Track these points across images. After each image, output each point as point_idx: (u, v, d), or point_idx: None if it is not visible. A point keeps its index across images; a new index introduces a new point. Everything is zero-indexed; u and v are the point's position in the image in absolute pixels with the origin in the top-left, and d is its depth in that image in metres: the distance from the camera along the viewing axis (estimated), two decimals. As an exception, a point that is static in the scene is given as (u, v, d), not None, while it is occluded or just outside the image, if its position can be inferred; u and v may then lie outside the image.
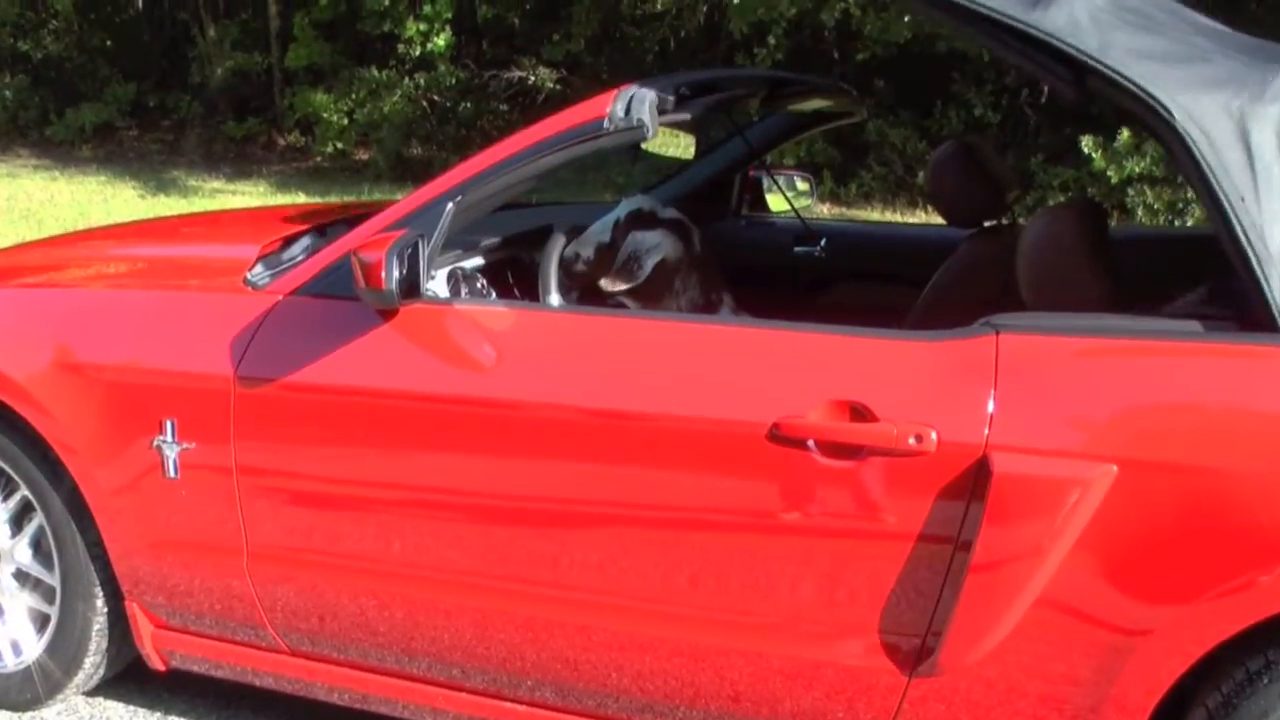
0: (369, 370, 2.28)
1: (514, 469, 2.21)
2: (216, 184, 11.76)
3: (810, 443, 2.02)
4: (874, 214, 10.07)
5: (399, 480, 2.30)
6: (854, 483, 2.01)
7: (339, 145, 12.71)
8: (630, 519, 2.16)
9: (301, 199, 10.77)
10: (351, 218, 2.95)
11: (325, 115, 12.49)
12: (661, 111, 2.27)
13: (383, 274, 2.14)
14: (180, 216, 4.13)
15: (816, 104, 3.28)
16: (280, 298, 2.41)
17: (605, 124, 2.21)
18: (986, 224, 2.89)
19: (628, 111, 2.21)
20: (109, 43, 14.49)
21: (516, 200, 2.82)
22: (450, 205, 2.30)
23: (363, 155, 13.21)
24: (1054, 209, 2.51)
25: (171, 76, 14.29)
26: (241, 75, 13.68)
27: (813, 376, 2.06)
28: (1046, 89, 10.06)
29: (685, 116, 2.40)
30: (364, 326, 2.30)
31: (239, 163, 13.24)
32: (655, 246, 2.73)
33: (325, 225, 2.94)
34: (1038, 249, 2.38)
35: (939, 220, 2.97)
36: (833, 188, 10.56)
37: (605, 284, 2.71)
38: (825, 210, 10.09)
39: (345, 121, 12.56)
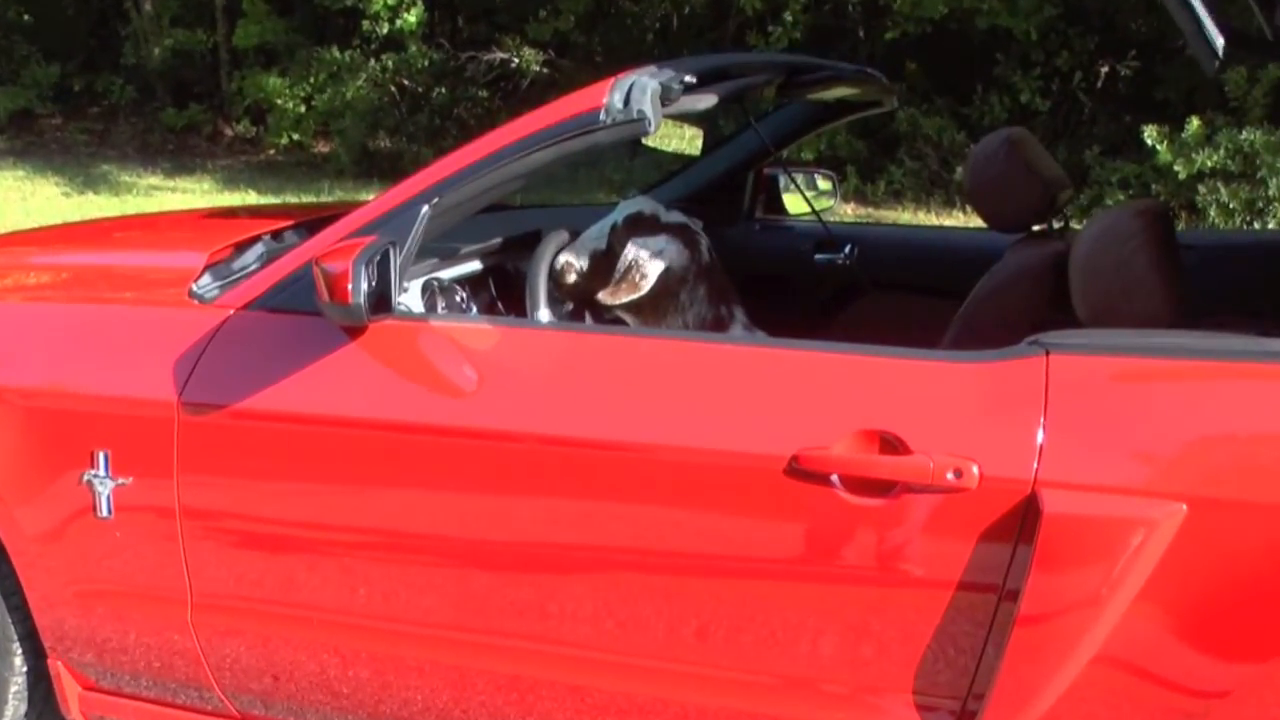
0: (332, 395, 2.30)
1: (497, 507, 2.23)
2: (153, 180, 11.81)
3: (834, 478, 2.03)
4: (905, 216, 10.12)
5: (366, 520, 2.32)
6: (884, 523, 2.02)
7: (295, 136, 12.76)
8: (629, 564, 2.17)
9: (252, 198, 10.81)
10: (312, 221, 2.97)
11: (279, 102, 12.55)
12: (665, 101, 2.29)
13: (349, 286, 2.16)
14: (113, 219, 4.15)
15: (840, 92, 3.31)
16: (230, 312, 2.43)
17: (602, 116, 2.24)
18: (1035, 228, 2.91)
19: (627, 102, 2.23)
20: (26, 17, 14.53)
21: (500, 202, 2.83)
22: (425, 208, 2.32)
23: (322, 148, 13.26)
24: (1113, 210, 2.53)
25: (101, 56, 14.37)
26: (182, 55, 13.74)
27: (837, 403, 2.08)
28: (1103, 71, 10.14)
29: (692, 107, 2.43)
30: (327, 345, 2.31)
31: (179, 156, 13.29)
32: (658, 255, 2.75)
33: (282, 230, 2.96)
34: (1094, 257, 2.40)
35: (980, 224, 2.99)
36: (858, 186, 10.62)
37: (602, 297, 2.73)
38: (850, 212, 10.14)
39: (302, 109, 12.62)
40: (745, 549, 2.10)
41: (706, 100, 2.46)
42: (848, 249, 3.57)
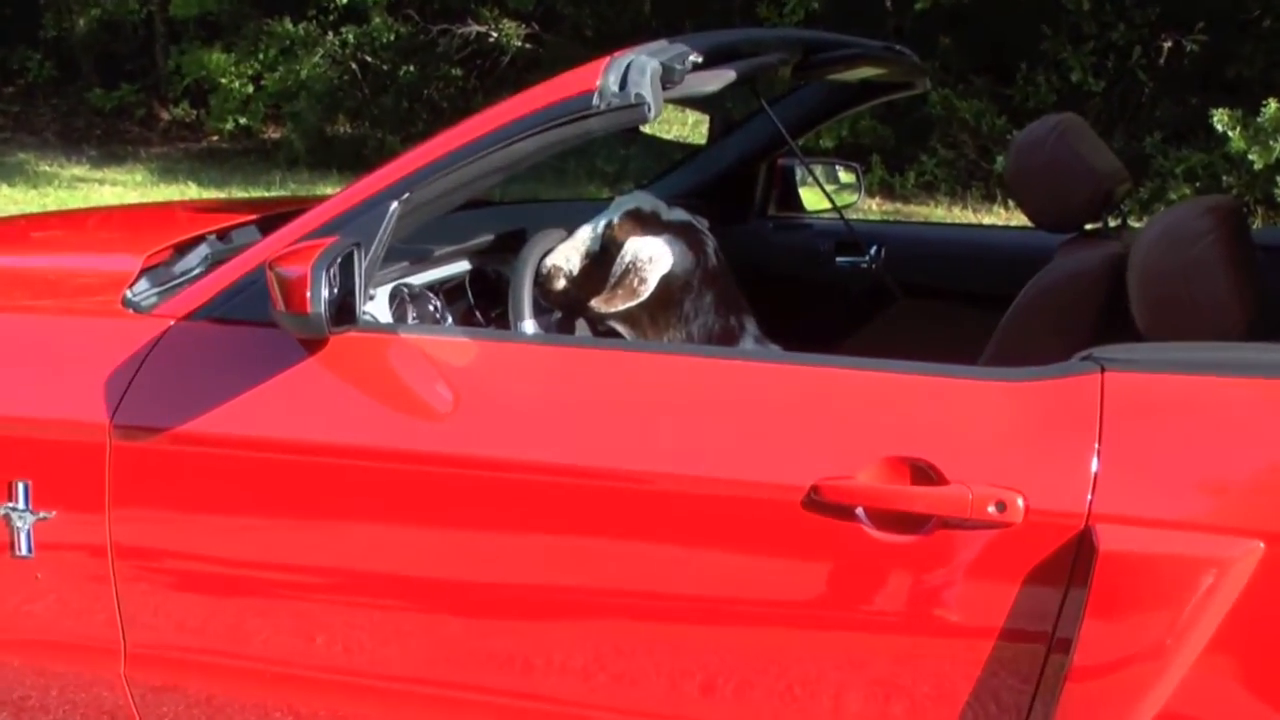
0: (288, 417, 2.31)
1: (475, 544, 2.24)
2: (78, 170, 11.82)
3: (859, 511, 2.05)
4: (938, 212, 10.14)
5: (326, 559, 2.33)
6: (916, 563, 2.03)
7: (241, 121, 12.79)
8: (625, 609, 2.19)
9: (193, 192, 10.82)
10: (263, 219, 2.98)
11: (223, 81, 12.57)
12: (667, 84, 2.31)
13: (307, 293, 2.16)
14: (31, 216, 4.17)
15: (864, 72, 3.33)
16: (170, 323, 2.44)
17: (595, 100, 2.25)
18: (1088, 227, 2.92)
19: (624, 84, 2.25)
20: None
21: (479, 198, 2.85)
22: (394, 205, 2.34)
23: (273, 134, 13.28)
24: (1179, 207, 2.54)
25: (16, 28, 14.35)
26: (111, 28, 13.79)
27: (862, 426, 2.09)
28: (1167, 46, 10.14)
29: (697, 90, 2.44)
30: (282, 361, 2.33)
31: (108, 143, 13.30)
32: (658, 258, 2.77)
33: (229, 228, 2.97)
34: (1157, 260, 2.41)
35: (1024, 221, 3.01)
36: (885, 178, 10.63)
37: (595, 305, 2.74)
38: (875, 207, 10.15)
39: (249, 89, 12.64)
40: (757, 592, 2.11)
41: (713, 82, 2.47)
42: (873, 250, 3.59)
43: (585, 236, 2.87)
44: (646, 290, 2.73)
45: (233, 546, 2.37)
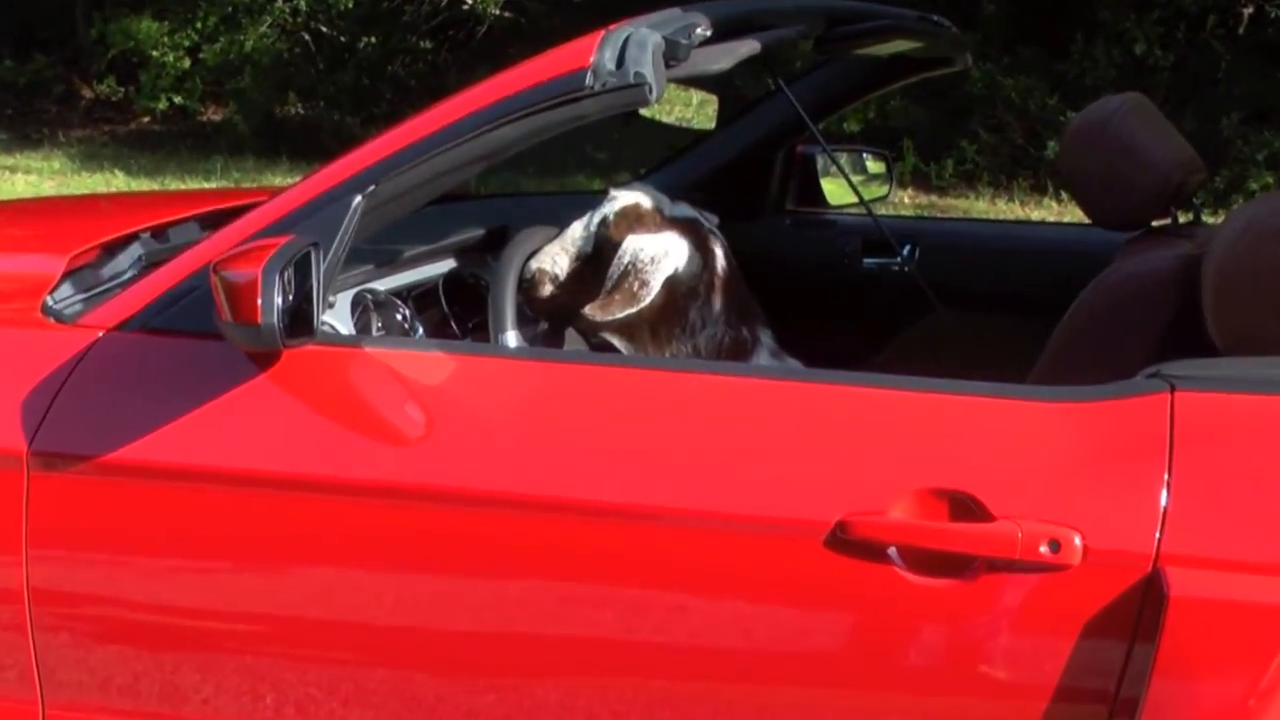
0: (234, 444, 2.31)
1: (450, 590, 2.25)
2: (-14, 156, 11.82)
3: (892, 551, 2.05)
4: (980, 206, 10.14)
5: (277, 606, 2.33)
6: (957, 611, 2.04)
7: (176, 99, 12.77)
8: (624, 664, 2.19)
9: (120, 182, 10.82)
10: (206, 215, 2.99)
11: (155, 53, 12.55)
12: (670, 61, 2.32)
13: (258, 300, 2.17)
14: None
15: (896, 46, 3.34)
16: (99, 335, 2.44)
17: (588, 80, 2.26)
18: (1155, 224, 2.93)
19: (621, 61, 2.26)
20: None
21: (456, 191, 2.86)
22: (358, 199, 2.35)
23: (213, 115, 13.29)
24: (1262, 199, 2.55)
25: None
26: (25, -9, 13.79)
27: (894, 454, 2.11)
28: (1246, 13, 10.13)
29: (705, 68, 2.45)
30: (227, 378, 2.33)
31: (21, 124, 13.29)
32: (660, 259, 2.77)
33: (165, 226, 2.97)
34: (1235, 261, 2.41)
35: (1080, 217, 3.02)
36: (919, 167, 10.64)
37: (588, 313, 2.75)
38: (908, 201, 10.16)
39: (186, 63, 12.63)
40: (774, 644, 2.12)
41: (724, 58, 2.49)
42: (906, 250, 3.60)
43: (576, 235, 2.88)
44: (648, 295, 2.73)
45: (169, 592, 2.37)
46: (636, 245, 2.77)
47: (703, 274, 2.81)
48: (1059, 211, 9.68)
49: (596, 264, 2.82)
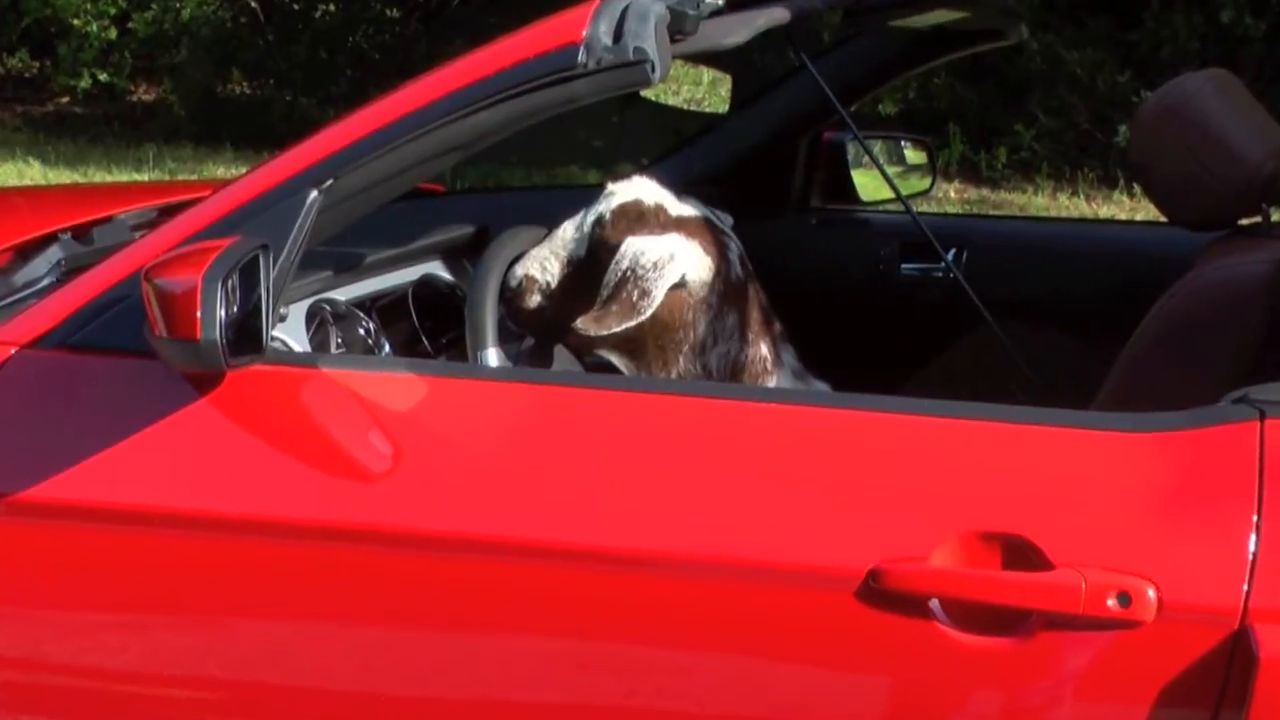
0: (170, 479, 2.32)
1: (422, 646, 2.25)
2: (-123, 143, 11.82)
3: (934, 604, 2.05)
4: (1039, 201, 10.14)
5: (221, 667, 2.33)
6: (1010, 673, 2.04)
7: (101, 76, 12.79)
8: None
9: (35, 172, 10.82)
10: (137, 212, 2.99)
11: (76, 23, 12.57)
12: (676, 34, 2.33)
13: (198, 313, 2.17)
14: None
15: (939, 16, 3.34)
16: (11, 352, 2.44)
17: (581, 57, 2.27)
18: (1242, 222, 2.93)
19: (619, 35, 2.26)
20: None
21: (427, 185, 2.86)
22: (314, 194, 2.35)
23: (145, 94, 13.30)
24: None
25: None
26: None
27: (937, 491, 2.11)
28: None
29: (716, 43, 2.45)
30: (162, 403, 2.33)
31: (-77, 106, 13.32)
32: (664, 265, 2.76)
33: (89, 224, 2.97)
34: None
35: (1157, 214, 3.02)
36: (967, 155, 10.65)
37: (581, 327, 2.74)
38: (953, 195, 10.16)
39: (112, 34, 12.65)
40: (797, 711, 2.12)
41: (738, 31, 2.49)
42: (951, 254, 3.59)
43: (567, 237, 2.88)
44: (650, 306, 2.72)
45: (92, 652, 2.38)
46: (637, 248, 2.76)
47: (714, 281, 2.81)
48: (1131, 207, 9.68)
49: (591, 270, 2.81)
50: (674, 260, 2.76)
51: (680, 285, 2.77)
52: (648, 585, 2.15)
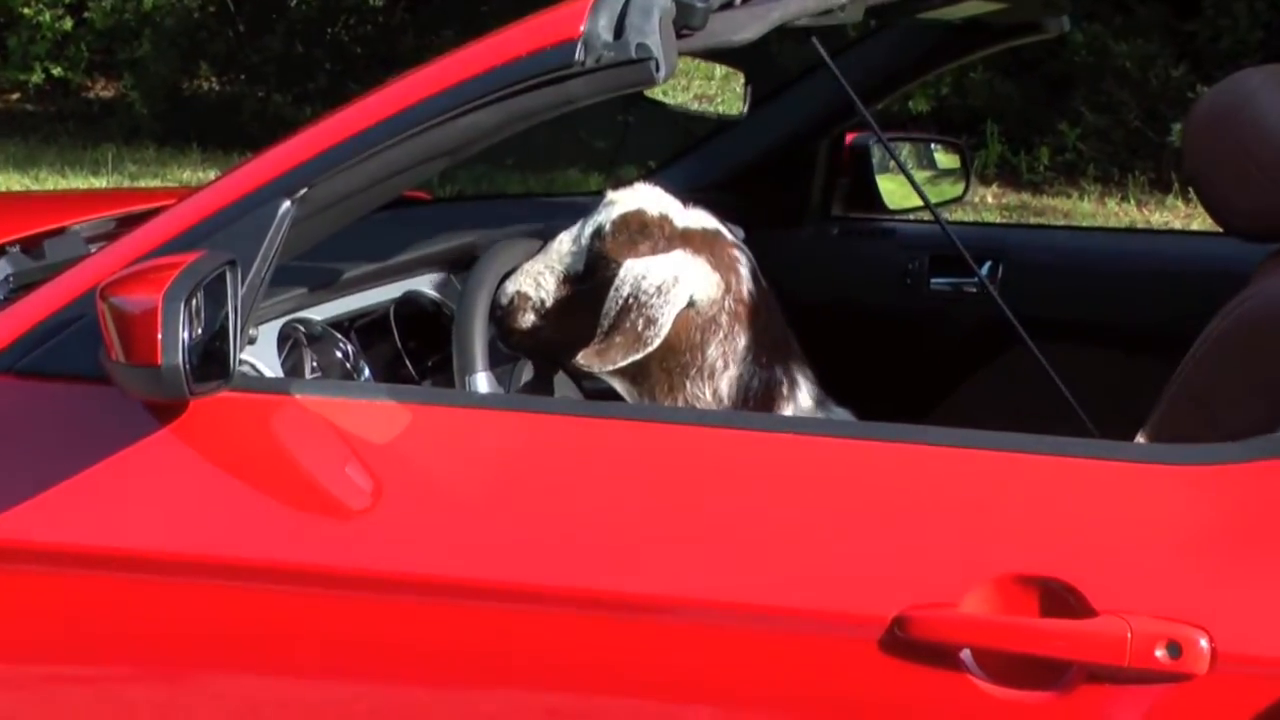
0: (128, 518, 2.32)
1: (403, 701, 2.25)
2: None
3: (965, 655, 2.05)
4: (1085, 207, 10.12)
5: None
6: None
7: (55, 70, 12.79)
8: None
9: (-20, 176, 10.84)
10: (93, 223, 2.99)
11: (26, 12, 12.57)
12: (684, 29, 2.33)
13: (159, 335, 2.17)
14: None
15: (972, 7, 3.34)
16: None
17: (578, 54, 2.27)
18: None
19: (620, 30, 2.27)
20: None
21: (411, 194, 2.86)
22: (286, 204, 2.36)
23: (103, 90, 13.31)
24: None
25: None
26: None
27: (969, 529, 2.11)
28: None
29: (728, 38, 2.46)
30: (119, 434, 2.33)
31: None
32: (669, 290, 2.76)
33: (39, 236, 2.98)
34: None
35: (1211, 224, 3.02)
36: (1005, 157, 10.62)
37: (582, 361, 2.73)
38: (991, 200, 10.15)
39: (68, 24, 12.65)
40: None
41: (752, 25, 2.49)
42: (986, 268, 3.60)
43: (564, 250, 2.88)
44: (658, 335, 2.71)
45: (39, 707, 2.38)
46: (638, 272, 2.75)
47: (724, 300, 2.81)
48: (1186, 214, 9.66)
49: (589, 287, 2.81)
50: (679, 283, 2.75)
51: (688, 308, 2.77)
52: (654, 633, 2.15)
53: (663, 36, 2.27)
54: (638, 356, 2.71)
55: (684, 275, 2.77)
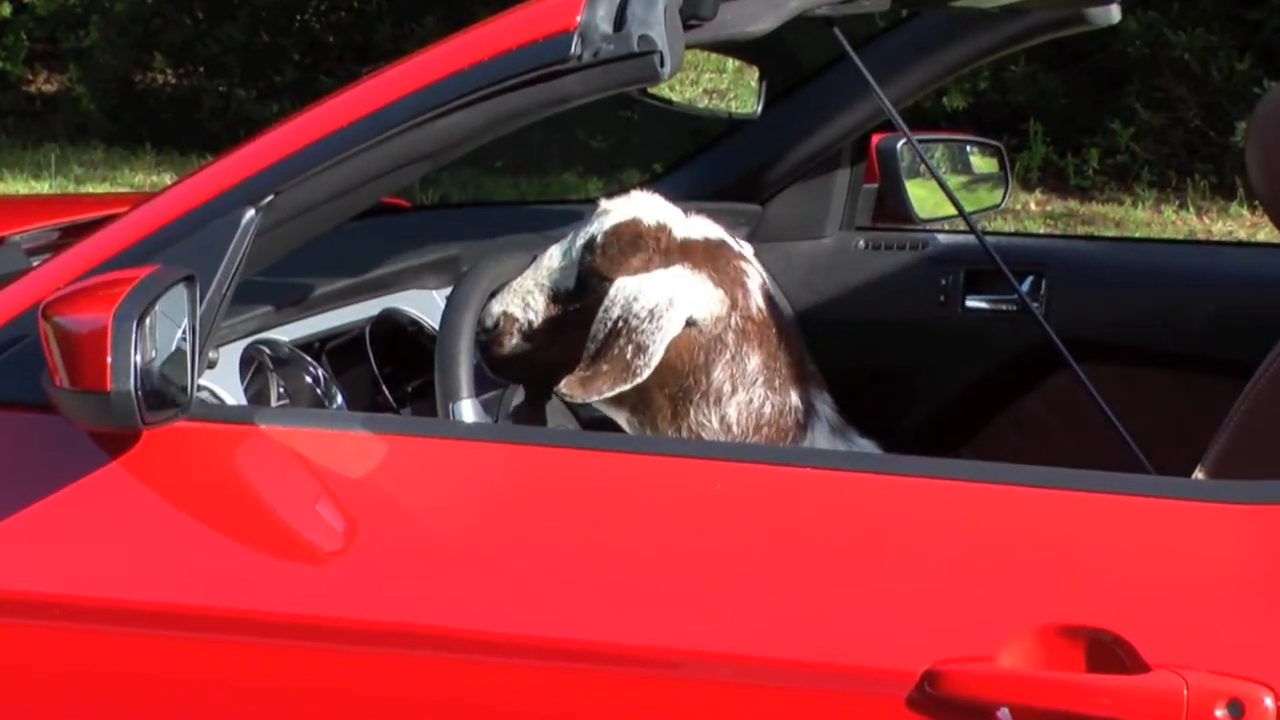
0: (73, 562, 2.32)
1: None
2: None
3: (1003, 714, 2.05)
4: (1138, 215, 10.12)
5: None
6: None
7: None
8: None
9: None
10: (33, 234, 3.00)
11: (-34, 1, 12.64)
12: (691, 19, 2.34)
13: (108, 359, 2.18)
14: None
15: (1007, -5, 3.35)
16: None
17: (574, 47, 2.28)
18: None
19: (620, 22, 2.28)
20: None
21: (390, 200, 2.86)
22: (250, 213, 2.37)
23: (45, 84, 13.33)
24: None
25: None
26: None
27: (1008, 576, 2.11)
28: None
29: (740, 30, 2.47)
30: (64, 468, 2.34)
31: None
32: (662, 314, 2.75)
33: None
34: None
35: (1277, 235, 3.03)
36: (1050, 157, 10.62)
37: (565, 393, 2.73)
38: (1034, 207, 10.14)
39: (6, 10, 12.67)
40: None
41: (766, 16, 2.50)
42: (1027, 284, 3.60)
43: (553, 265, 2.88)
44: (648, 364, 2.70)
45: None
46: (629, 293, 2.75)
47: (730, 317, 2.81)
48: (1252, 223, 9.65)
49: (580, 306, 2.81)
50: (674, 306, 2.74)
51: (690, 329, 2.76)
52: (657, 690, 2.16)
53: (668, 28, 2.28)
54: (625, 387, 2.72)
55: (681, 295, 2.77)
